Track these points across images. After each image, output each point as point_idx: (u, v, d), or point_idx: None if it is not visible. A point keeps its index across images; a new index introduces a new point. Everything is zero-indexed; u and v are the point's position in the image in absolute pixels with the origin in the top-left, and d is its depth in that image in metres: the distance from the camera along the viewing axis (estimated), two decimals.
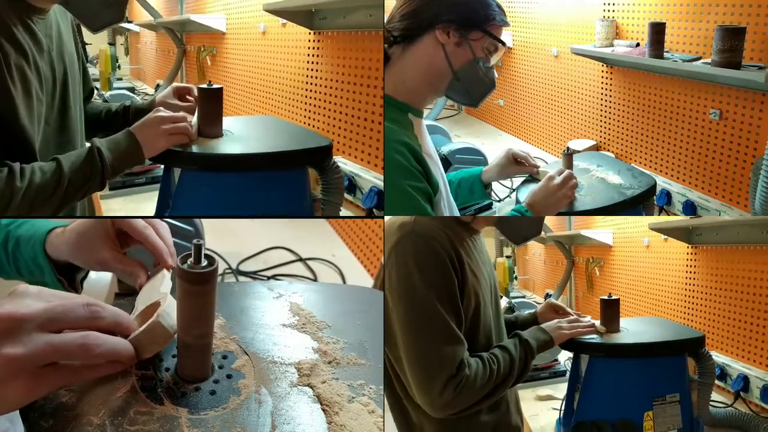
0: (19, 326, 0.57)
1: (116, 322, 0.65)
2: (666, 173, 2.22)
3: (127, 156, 1.07)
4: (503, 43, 1.08)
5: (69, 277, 0.92)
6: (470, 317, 1.10)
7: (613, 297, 1.43)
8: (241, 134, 1.21)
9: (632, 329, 1.43)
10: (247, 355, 0.79)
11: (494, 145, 3.00)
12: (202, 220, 1.37)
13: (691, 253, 2.48)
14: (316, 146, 1.19)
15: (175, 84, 1.34)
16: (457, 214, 1.16)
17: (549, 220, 3.91)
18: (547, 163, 1.44)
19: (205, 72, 3.37)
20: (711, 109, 1.99)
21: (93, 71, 3.35)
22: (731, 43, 1.67)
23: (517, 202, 1.24)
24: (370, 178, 2.02)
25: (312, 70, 2.36)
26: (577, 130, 2.74)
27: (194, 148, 1.13)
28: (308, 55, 2.38)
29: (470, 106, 1.16)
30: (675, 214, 2.15)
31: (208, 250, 0.69)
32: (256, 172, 1.15)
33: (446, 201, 1.10)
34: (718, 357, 2.17)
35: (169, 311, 0.70)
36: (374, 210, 1.99)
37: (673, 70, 2.06)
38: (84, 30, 1.24)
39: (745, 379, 2.00)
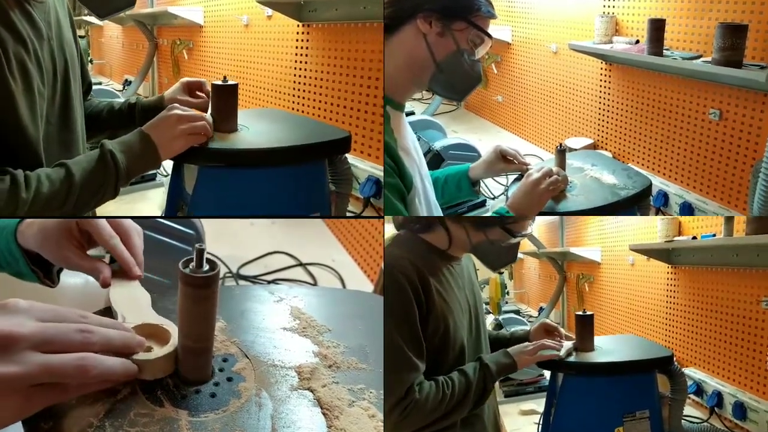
0: (14, 345, 0.57)
1: (108, 345, 0.64)
2: (663, 174, 2.21)
3: (142, 159, 0.98)
4: (489, 35, 1.03)
5: (45, 268, 0.88)
6: (437, 341, 1.11)
7: (588, 313, 1.43)
8: (256, 128, 1.18)
9: (605, 347, 1.45)
10: (248, 358, 0.79)
11: (492, 142, 2.98)
12: (203, 221, 1.36)
13: (671, 273, 2.52)
14: (340, 137, 1.18)
15: (184, 78, 1.28)
16: (437, 212, 1.14)
17: (543, 236, 3.92)
18: (543, 160, 1.43)
19: (181, 66, 3.32)
20: (711, 109, 1.98)
21: None
22: (732, 41, 1.65)
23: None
24: (366, 167, 2.03)
25: (300, 62, 2.35)
26: (574, 127, 2.73)
27: (214, 144, 1.07)
28: (296, 47, 2.37)
29: (455, 99, 1.15)
30: (672, 215, 2.15)
31: (209, 254, 0.69)
32: (282, 167, 1.11)
33: (423, 198, 1.07)
34: (696, 373, 2.21)
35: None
36: (371, 199, 1.99)
37: (672, 68, 2.04)
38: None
39: (719, 396, 2.03)
